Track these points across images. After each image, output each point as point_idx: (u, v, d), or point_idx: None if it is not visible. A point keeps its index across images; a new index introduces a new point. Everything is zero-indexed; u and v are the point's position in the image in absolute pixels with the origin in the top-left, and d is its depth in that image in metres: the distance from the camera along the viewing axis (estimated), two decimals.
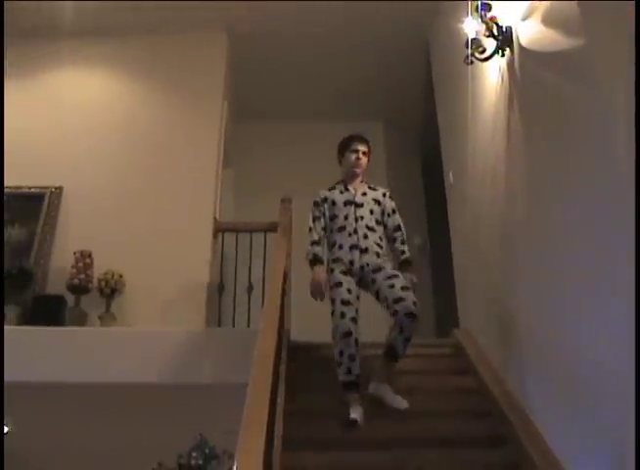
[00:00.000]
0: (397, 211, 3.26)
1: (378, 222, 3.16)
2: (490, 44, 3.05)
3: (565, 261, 2.40)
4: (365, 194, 3.21)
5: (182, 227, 4.26)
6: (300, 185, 5.03)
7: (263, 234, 4.08)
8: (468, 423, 2.91)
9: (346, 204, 3.15)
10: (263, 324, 2.42)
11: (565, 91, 2.40)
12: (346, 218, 3.11)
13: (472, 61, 3.15)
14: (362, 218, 3.11)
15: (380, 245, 3.10)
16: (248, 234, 4.15)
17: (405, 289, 2.89)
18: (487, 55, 3.08)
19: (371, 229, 3.10)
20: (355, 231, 3.07)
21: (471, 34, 3.11)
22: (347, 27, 5.08)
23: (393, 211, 3.24)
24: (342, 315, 2.85)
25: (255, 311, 3.66)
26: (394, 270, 3.03)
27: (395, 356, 2.86)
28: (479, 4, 3.01)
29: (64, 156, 4.52)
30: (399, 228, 3.21)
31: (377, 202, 3.21)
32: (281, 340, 2.73)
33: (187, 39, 4.98)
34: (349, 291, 2.93)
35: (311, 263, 3.06)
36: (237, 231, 4.22)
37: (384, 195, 3.26)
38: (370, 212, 3.15)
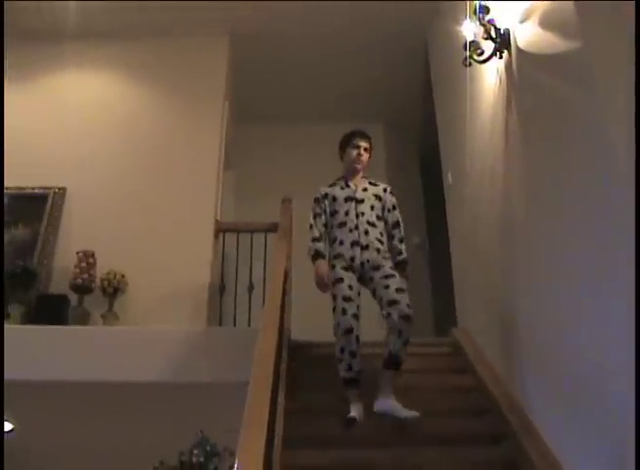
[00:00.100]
0: (397, 207, 3.23)
1: (379, 218, 3.13)
2: (488, 46, 3.04)
3: (564, 261, 2.38)
4: (366, 190, 3.19)
5: (184, 228, 4.26)
6: (301, 186, 5.02)
7: (264, 234, 4.08)
8: (467, 421, 2.92)
9: (347, 200, 3.13)
10: (264, 323, 2.42)
11: (562, 93, 2.40)
12: (347, 214, 3.09)
13: (470, 63, 3.16)
14: (363, 214, 3.08)
15: (380, 241, 3.07)
16: (248, 234, 4.15)
17: (400, 291, 2.87)
18: (485, 57, 3.07)
19: (372, 225, 3.07)
20: (356, 227, 3.05)
21: (469, 37, 3.10)
22: (347, 30, 5.07)
23: (394, 207, 3.22)
24: (343, 312, 2.84)
25: (256, 311, 3.66)
26: (392, 269, 3.01)
27: (397, 364, 2.79)
28: (477, 7, 3.01)
29: (67, 157, 4.53)
30: (398, 225, 3.18)
31: (378, 197, 3.18)
32: (281, 339, 2.72)
33: (189, 42, 4.97)
34: (350, 287, 2.92)
35: (313, 258, 3.05)
36: (238, 231, 4.22)
37: (384, 190, 3.24)
38: (371, 208, 3.12)
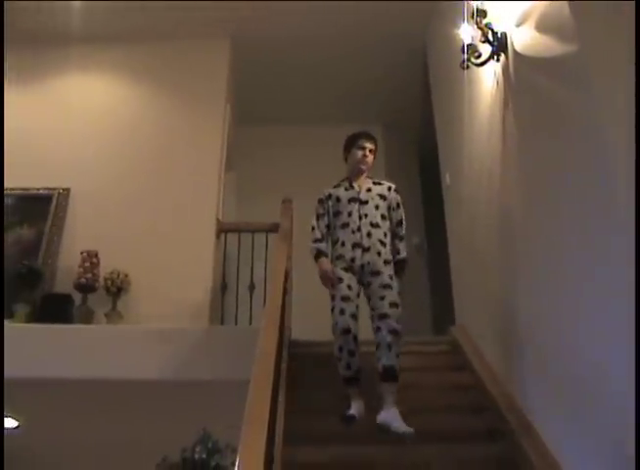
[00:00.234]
0: (402, 206, 3.18)
1: (383, 218, 3.07)
2: (486, 49, 3.04)
3: (563, 261, 2.36)
4: (370, 190, 3.13)
5: (186, 228, 4.26)
6: (301, 187, 5.02)
7: (265, 234, 4.07)
8: (465, 418, 2.92)
9: (351, 201, 3.08)
10: (265, 322, 2.41)
11: (558, 95, 2.40)
12: (350, 215, 3.04)
13: (468, 66, 3.15)
14: (366, 216, 3.03)
15: (383, 243, 3.01)
16: (250, 234, 4.15)
17: (393, 305, 2.83)
18: (483, 60, 3.07)
19: (375, 226, 3.02)
20: (359, 229, 3.00)
21: (467, 40, 3.10)
22: (346, 33, 5.07)
23: (398, 206, 3.16)
24: (341, 312, 2.82)
25: (257, 310, 3.66)
26: (390, 277, 2.94)
27: (394, 375, 2.74)
28: (474, 10, 3.01)
29: (71, 158, 4.53)
30: (401, 224, 3.14)
31: (382, 197, 3.12)
32: (282, 338, 2.72)
33: (191, 45, 4.97)
34: (350, 287, 2.90)
35: (316, 257, 3.02)
36: (239, 231, 4.21)
37: (389, 189, 3.18)
38: (375, 208, 3.06)
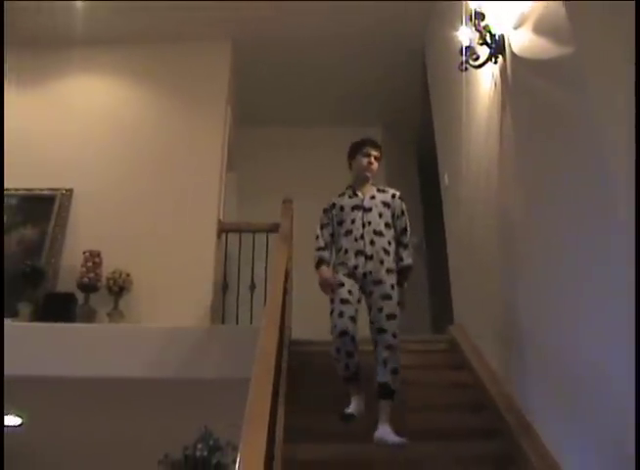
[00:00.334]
0: (406, 213, 3.09)
1: (387, 226, 2.98)
2: (484, 51, 3.04)
3: (562, 261, 2.34)
4: (374, 197, 3.04)
5: (187, 228, 4.27)
6: (301, 187, 5.03)
7: (266, 234, 4.07)
8: (464, 416, 2.92)
9: (354, 208, 3.00)
10: (265, 322, 2.41)
11: (555, 96, 2.40)
12: (353, 222, 2.96)
13: (466, 68, 3.15)
14: (370, 224, 2.95)
15: (387, 250, 2.91)
16: (250, 234, 4.15)
17: (390, 317, 2.76)
18: (481, 62, 3.07)
19: (378, 234, 2.93)
20: (362, 236, 2.92)
21: (465, 42, 3.10)
22: (345, 35, 5.07)
23: (402, 213, 3.07)
24: (340, 314, 2.76)
25: (258, 309, 3.66)
26: (392, 287, 2.85)
27: (390, 393, 2.66)
28: (473, 13, 3.01)
29: (74, 160, 4.53)
30: (405, 231, 3.04)
31: (386, 204, 3.03)
32: (282, 337, 2.72)
33: (192, 47, 4.98)
34: (350, 292, 2.82)
35: (317, 265, 2.97)
36: (240, 232, 4.21)
37: (393, 196, 3.08)
38: (379, 216, 2.98)
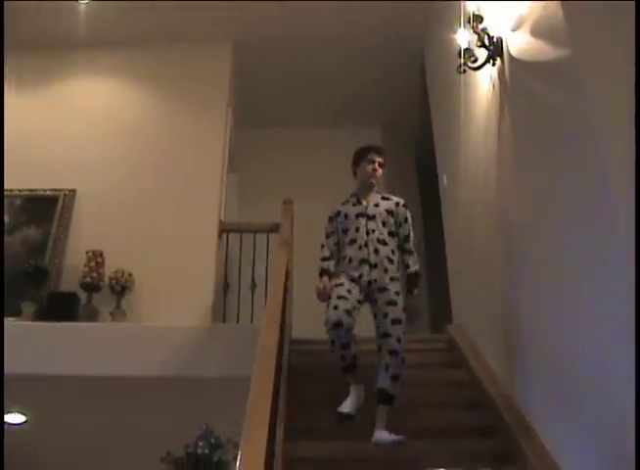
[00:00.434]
0: (409, 220, 3.01)
1: (391, 234, 2.92)
2: (482, 54, 3.04)
3: (562, 261, 2.32)
4: (378, 205, 2.98)
5: (188, 228, 4.27)
6: (301, 188, 5.04)
7: (266, 234, 4.07)
8: (461, 414, 2.92)
9: (358, 216, 2.94)
10: (266, 321, 2.41)
11: (552, 98, 2.40)
12: (357, 231, 2.90)
13: (464, 70, 3.16)
14: (374, 231, 2.89)
15: (391, 259, 2.86)
16: (251, 234, 4.16)
17: (395, 323, 2.70)
18: (479, 64, 3.07)
19: (382, 242, 2.87)
20: (366, 244, 2.86)
21: (463, 44, 3.10)
22: (345, 37, 5.07)
23: (405, 220, 2.99)
24: (334, 308, 2.69)
25: (259, 309, 3.65)
26: (396, 294, 2.80)
27: (388, 399, 2.62)
28: (471, 15, 3.01)
29: (77, 160, 4.53)
30: (408, 238, 2.98)
31: (390, 212, 2.97)
32: (283, 336, 2.72)
33: (193, 49, 4.98)
34: (349, 291, 2.77)
35: (320, 275, 2.91)
36: (241, 232, 4.22)
37: (397, 204, 3.01)
38: (382, 224, 2.92)
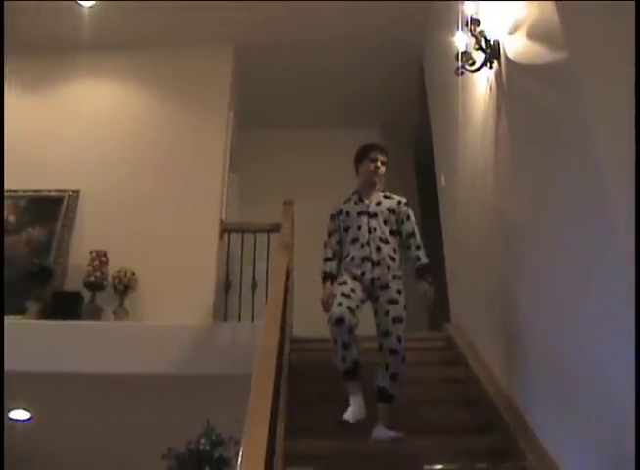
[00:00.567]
0: (412, 218, 2.99)
1: (392, 233, 2.90)
2: (479, 57, 3.04)
3: (561, 261, 2.30)
4: (379, 203, 2.96)
5: (190, 228, 4.27)
6: (301, 188, 5.04)
7: (267, 234, 4.07)
8: (459, 411, 2.93)
9: (360, 214, 2.92)
10: (266, 320, 2.42)
11: (549, 100, 2.40)
12: (359, 229, 2.88)
13: (462, 72, 3.15)
14: (375, 230, 2.87)
15: (393, 257, 2.84)
16: (252, 234, 4.15)
17: (396, 321, 2.68)
18: (477, 67, 3.07)
19: (384, 241, 2.85)
20: (368, 243, 2.83)
21: (461, 47, 3.10)
22: (344, 39, 5.07)
23: (407, 218, 2.97)
24: (338, 304, 2.66)
25: (259, 308, 3.66)
26: (398, 292, 2.78)
27: (387, 397, 2.62)
28: (469, 19, 3.01)
29: (81, 161, 4.54)
30: (413, 235, 2.94)
31: (391, 211, 2.95)
32: (283, 334, 2.72)
33: (195, 52, 4.97)
34: (353, 290, 2.75)
35: (323, 280, 2.89)
36: (242, 232, 4.21)
37: (399, 203, 3.00)
38: (384, 223, 2.90)
